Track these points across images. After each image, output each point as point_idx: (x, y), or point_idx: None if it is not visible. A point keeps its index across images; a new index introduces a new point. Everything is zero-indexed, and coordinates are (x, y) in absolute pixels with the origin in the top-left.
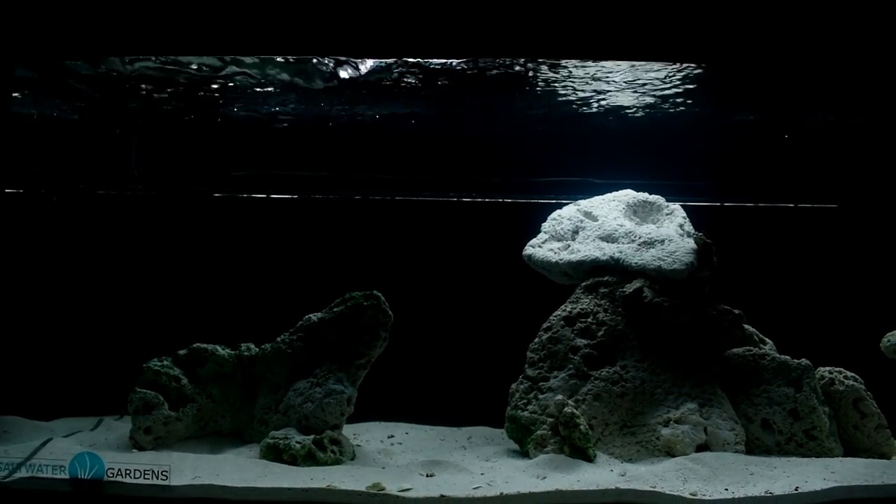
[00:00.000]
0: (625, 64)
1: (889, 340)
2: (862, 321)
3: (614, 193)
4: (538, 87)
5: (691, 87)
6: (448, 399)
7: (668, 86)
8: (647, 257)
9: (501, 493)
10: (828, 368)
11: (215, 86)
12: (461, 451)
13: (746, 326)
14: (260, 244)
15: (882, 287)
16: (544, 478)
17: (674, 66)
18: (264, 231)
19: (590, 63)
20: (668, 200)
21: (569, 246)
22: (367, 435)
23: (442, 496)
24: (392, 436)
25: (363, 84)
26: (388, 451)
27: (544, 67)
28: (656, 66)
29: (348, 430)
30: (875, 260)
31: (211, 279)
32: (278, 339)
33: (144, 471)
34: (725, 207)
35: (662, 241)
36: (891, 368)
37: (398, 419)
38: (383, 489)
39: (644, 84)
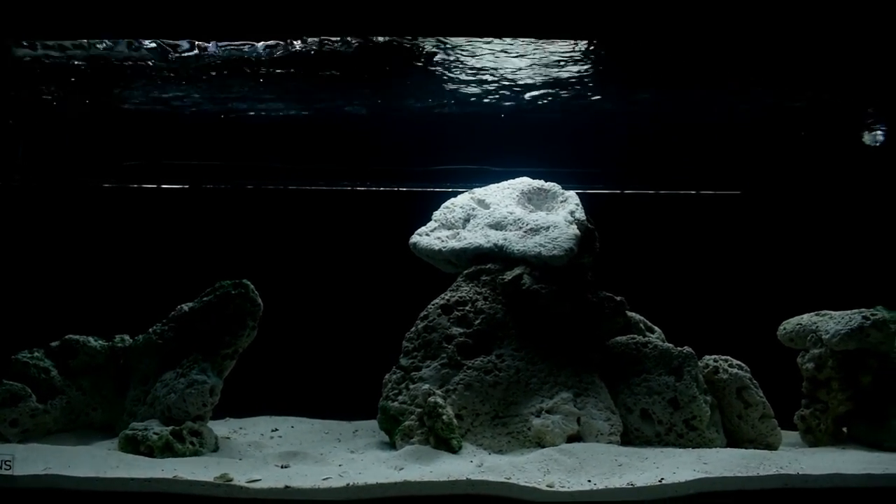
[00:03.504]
0: (522, 48)
1: (785, 328)
2: (764, 309)
3: (510, 181)
4: (436, 72)
5: (592, 73)
6: (343, 392)
7: (568, 73)
8: (530, 244)
9: (348, 484)
10: (714, 357)
11: (106, 72)
12: (334, 444)
13: (633, 314)
14: (151, 234)
15: (784, 274)
16: (401, 469)
17: (574, 52)
18: (155, 221)
19: (486, 47)
20: (569, 188)
21: (458, 234)
22: (252, 428)
23: (286, 487)
24: (276, 429)
25: (254, 71)
26: (260, 443)
27: (438, 50)
28: (554, 50)
29: (235, 424)
30: (778, 247)
31: (103, 270)
32: (150, 329)
33: None
34: (626, 195)
35: (547, 228)
36: (789, 357)
37: (295, 414)
38: (230, 480)
39: (543, 69)
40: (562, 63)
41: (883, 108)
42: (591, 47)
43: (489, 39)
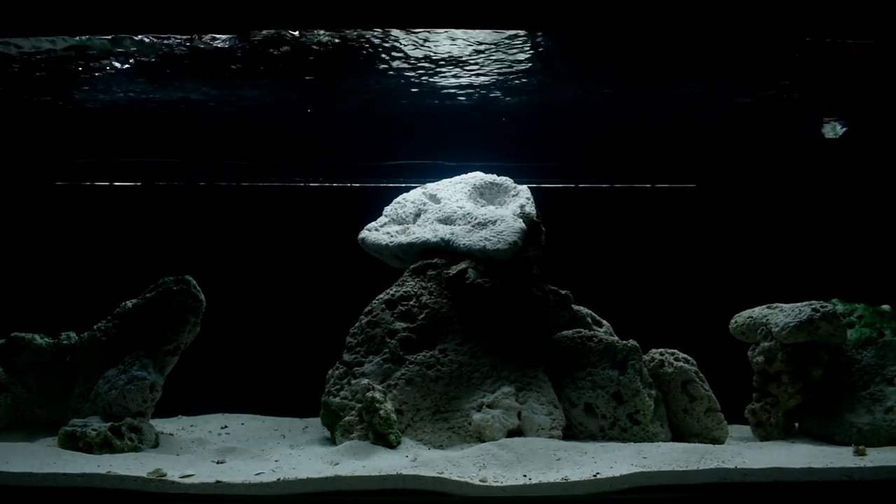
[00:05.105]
0: (475, 40)
1: (736, 321)
2: (718, 302)
3: (463, 176)
4: (389, 66)
5: (546, 66)
6: (299, 389)
7: (523, 66)
8: (475, 238)
9: (278, 479)
10: (660, 350)
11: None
12: (278, 440)
13: (580, 308)
14: (101, 231)
15: (739, 267)
16: (336, 464)
17: (527, 44)
18: (106, 218)
19: (441, 40)
20: (522, 183)
21: (407, 229)
22: (202, 426)
23: (217, 482)
24: (225, 426)
25: (204, 65)
26: (204, 440)
27: (390, 44)
28: (508, 42)
29: (187, 422)
30: (733, 240)
31: (53, 267)
32: (95, 326)
33: None
34: (581, 189)
35: (494, 222)
36: (742, 351)
37: (251, 411)
38: (164, 475)
39: (498, 62)
40: (516, 56)
41: (841, 102)
42: (545, 40)
43: (443, 31)
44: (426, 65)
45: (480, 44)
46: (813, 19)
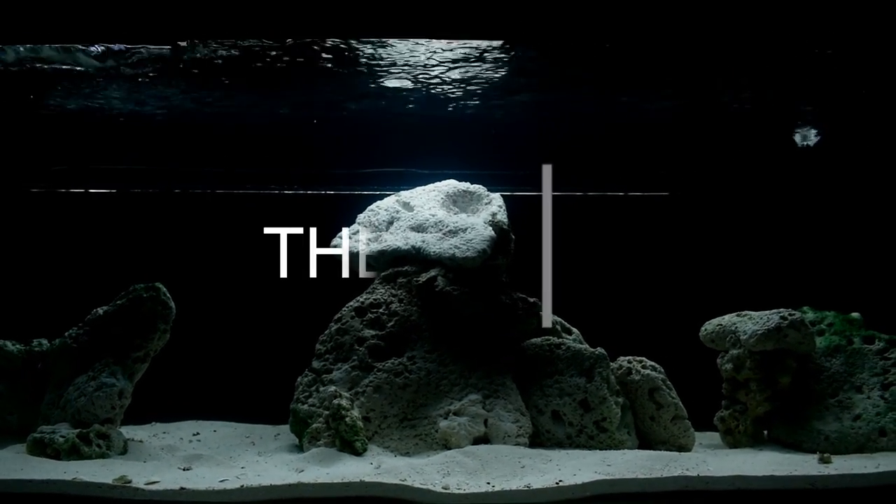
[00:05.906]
0: (447, 48)
1: (706, 329)
2: (690, 310)
3: (437, 184)
4: (363, 74)
5: (521, 73)
6: (275, 396)
7: (498, 73)
8: (445, 246)
9: (242, 486)
10: (628, 358)
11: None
12: (247, 447)
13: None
14: (77, 239)
15: (712, 276)
16: (301, 471)
17: (500, 51)
18: (82, 226)
19: (413, 47)
20: (496, 191)
21: (379, 236)
22: (174, 432)
23: (181, 488)
24: (197, 433)
25: (180, 73)
26: (174, 447)
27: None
28: (481, 49)
29: (160, 428)
30: (704, 248)
31: (27, 274)
32: (66, 333)
33: None
34: (555, 197)
35: (465, 230)
36: (713, 358)
37: (227, 418)
38: (129, 482)
39: (471, 69)
40: (490, 66)
41: (815, 109)
42: (519, 50)
43: (416, 40)
44: (400, 72)
45: (455, 52)
46: (785, 28)
